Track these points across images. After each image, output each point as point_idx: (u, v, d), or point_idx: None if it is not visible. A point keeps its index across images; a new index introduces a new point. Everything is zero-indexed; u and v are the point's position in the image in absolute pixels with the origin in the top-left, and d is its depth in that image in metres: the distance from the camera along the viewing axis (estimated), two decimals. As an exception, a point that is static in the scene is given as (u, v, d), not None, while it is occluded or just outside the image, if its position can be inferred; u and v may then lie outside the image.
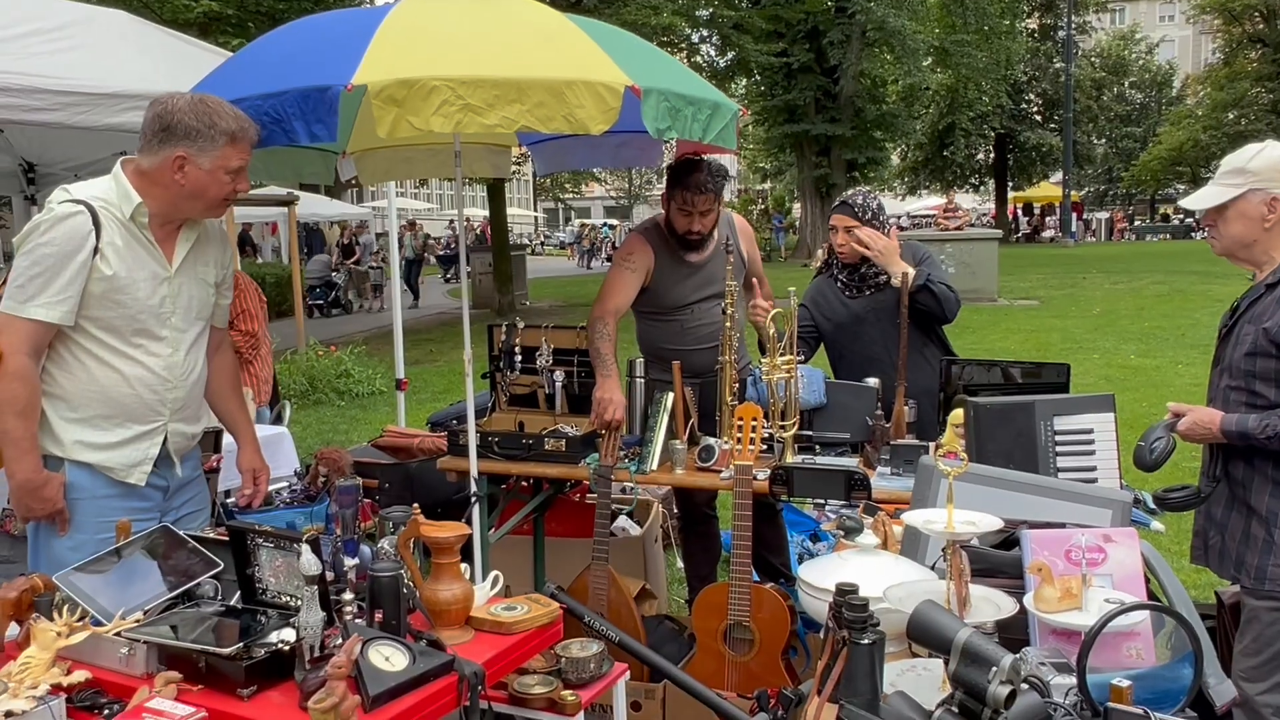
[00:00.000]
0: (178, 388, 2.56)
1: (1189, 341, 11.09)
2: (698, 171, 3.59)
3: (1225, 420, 2.48)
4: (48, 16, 4.02)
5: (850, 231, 3.63)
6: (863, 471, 2.98)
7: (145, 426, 2.52)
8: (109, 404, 2.47)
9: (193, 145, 2.41)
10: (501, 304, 17.55)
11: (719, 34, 21.69)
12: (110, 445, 2.48)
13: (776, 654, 3.01)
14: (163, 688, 1.81)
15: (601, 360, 3.52)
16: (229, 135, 2.44)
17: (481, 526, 3.53)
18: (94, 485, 2.48)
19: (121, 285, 2.43)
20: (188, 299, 2.58)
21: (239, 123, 2.48)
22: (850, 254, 3.66)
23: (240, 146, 2.48)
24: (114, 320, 2.45)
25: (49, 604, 2.00)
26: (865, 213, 3.65)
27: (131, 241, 2.46)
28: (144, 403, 2.51)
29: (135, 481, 2.52)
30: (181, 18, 12.36)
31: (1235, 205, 2.52)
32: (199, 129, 2.41)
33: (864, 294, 3.69)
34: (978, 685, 1.35)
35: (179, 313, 2.56)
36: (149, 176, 2.46)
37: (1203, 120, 38.30)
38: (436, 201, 45.26)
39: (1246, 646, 2.54)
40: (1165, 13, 57.70)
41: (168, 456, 2.59)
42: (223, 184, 2.48)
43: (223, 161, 2.45)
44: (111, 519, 2.45)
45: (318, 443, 7.49)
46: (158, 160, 2.43)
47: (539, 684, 2.29)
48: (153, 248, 2.50)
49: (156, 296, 2.50)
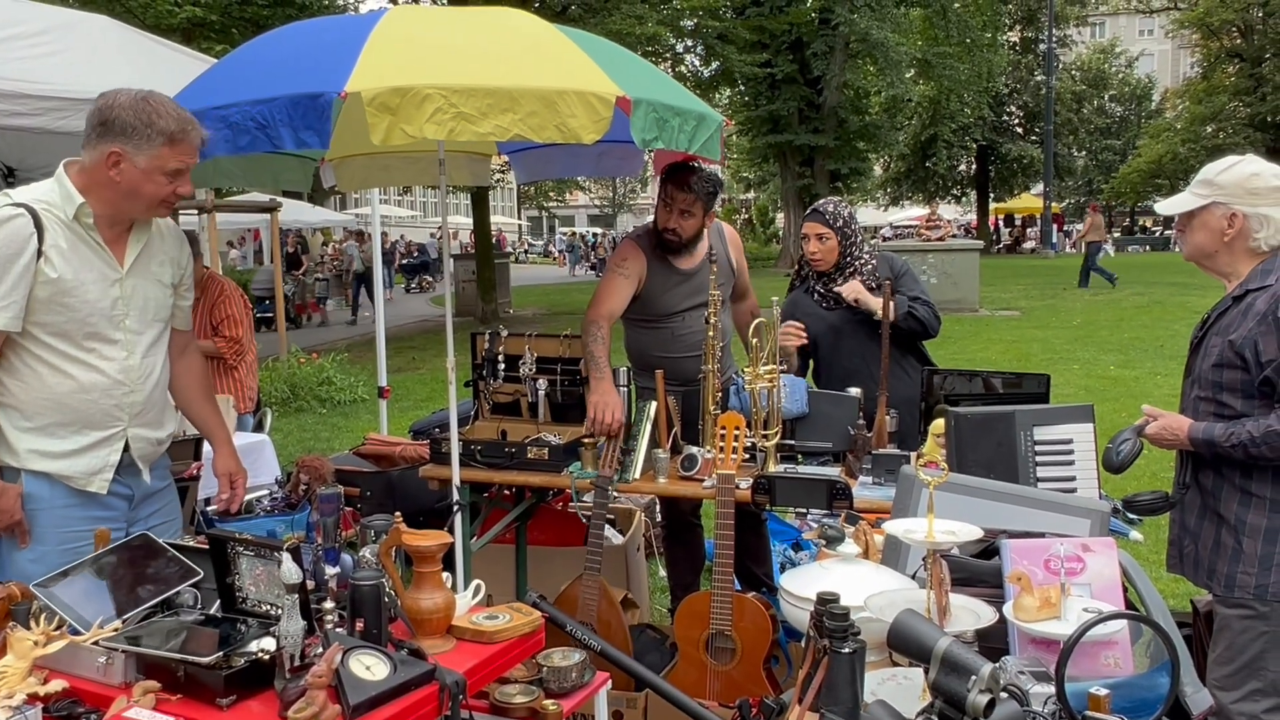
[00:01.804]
0: (135, 391, 2.50)
1: (1167, 353, 11.19)
2: (688, 171, 3.61)
3: (1193, 428, 2.51)
4: (30, 21, 3.99)
5: (823, 240, 3.66)
6: (844, 481, 2.99)
7: (103, 433, 2.46)
8: (64, 411, 2.41)
9: (128, 142, 2.34)
10: (485, 312, 17.52)
11: (703, 44, 21.75)
12: (67, 453, 2.42)
13: (758, 663, 3.01)
14: (141, 697, 1.80)
15: (595, 363, 3.51)
16: (167, 135, 2.35)
17: (463, 535, 3.52)
18: (53, 495, 2.42)
19: (68, 288, 2.36)
20: (142, 300, 2.51)
21: (180, 124, 2.38)
22: (822, 262, 3.68)
23: (180, 148, 2.39)
24: (64, 324, 2.38)
25: (26, 612, 1.98)
26: (836, 220, 3.68)
27: (77, 243, 2.39)
28: (100, 408, 2.44)
29: (96, 490, 2.46)
30: (165, 23, 12.33)
31: (1199, 215, 2.57)
32: (136, 126, 2.33)
33: (840, 306, 3.72)
34: (957, 694, 1.36)
35: (133, 314, 2.49)
36: (88, 174, 2.38)
37: (1181, 133, 38.66)
38: (419, 209, 45.17)
39: (1220, 655, 2.56)
40: (1145, 27, 58.29)
41: (132, 464, 2.53)
42: (159, 185, 2.39)
43: (159, 162, 2.37)
44: (74, 529, 2.41)
45: (299, 450, 7.45)
46: (95, 156, 2.36)
47: (520, 693, 2.28)
48: (101, 249, 2.43)
49: (107, 298, 2.43)
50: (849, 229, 3.70)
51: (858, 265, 3.72)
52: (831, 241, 3.69)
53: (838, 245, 3.69)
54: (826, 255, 3.69)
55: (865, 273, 3.71)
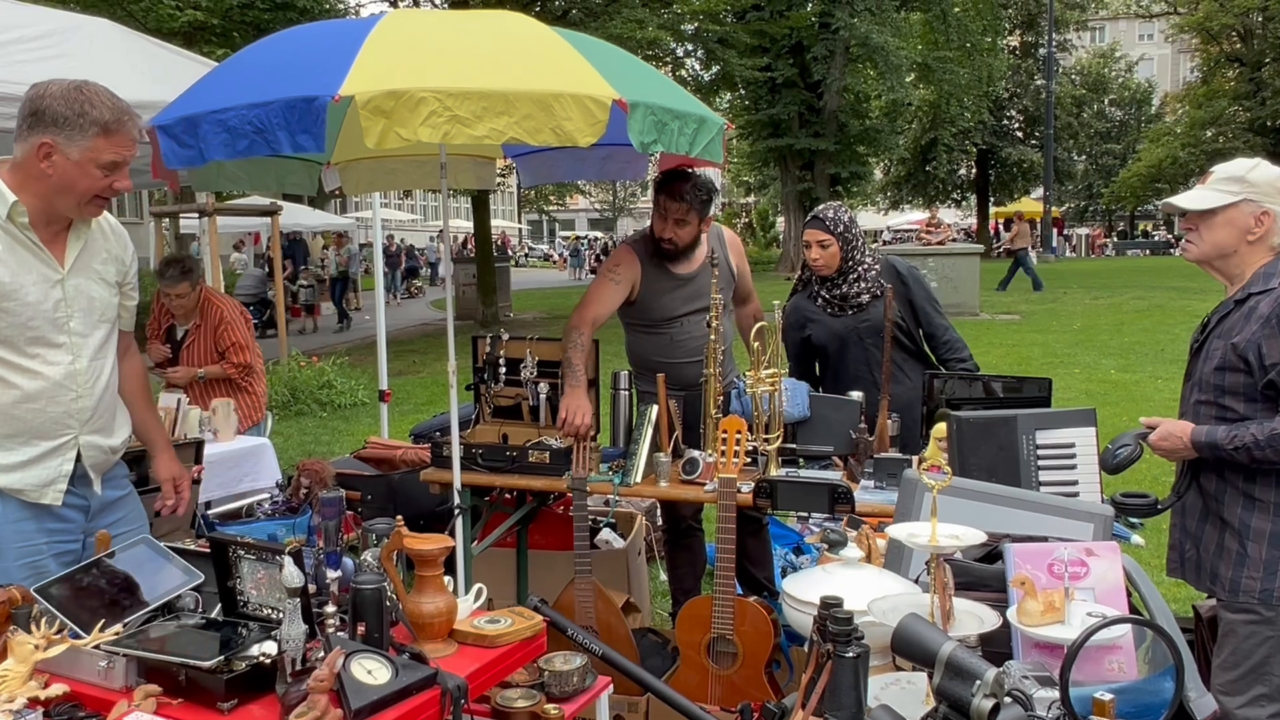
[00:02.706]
0: (84, 397, 2.40)
1: (1168, 356, 11.19)
2: (681, 180, 3.61)
3: (1195, 432, 2.50)
4: (31, 24, 4.00)
5: (824, 247, 3.67)
6: (846, 484, 2.99)
7: (54, 442, 2.37)
8: (11, 422, 2.32)
9: (60, 133, 2.23)
10: (485, 315, 17.52)
11: (703, 48, 21.74)
12: (17, 466, 2.33)
13: (760, 667, 3.01)
14: (142, 701, 1.79)
15: (571, 370, 3.53)
16: (101, 125, 2.24)
17: (465, 539, 3.52)
18: (5, 510, 2.34)
19: (7, 291, 2.26)
20: (86, 301, 2.41)
21: (116, 114, 2.27)
22: (825, 268, 3.69)
23: (116, 139, 2.28)
24: (4, 330, 2.28)
25: (27, 616, 1.97)
26: (837, 226, 3.69)
27: (13, 244, 2.29)
28: (49, 416, 2.35)
29: (50, 502, 2.37)
30: (166, 27, 12.34)
31: (1226, 212, 2.53)
32: (68, 116, 2.22)
33: (846, 314, 3.72)
34: (961, 699, 1.35)
35: (77, 316, 2.39)
36: (20, 169, 2.28)
37: (1181, 138, 38.68)
38: (420, 213, 45.19)
39: (1224, 660, 2.55)
40: (1144, 31, 58.33)
41: (84, 474, 2.44)
42: (93, 178, 2.28)
43: (93, 154, 2.25)
44: (30, 543, 2.34)
45: (300, 454, 7.45)
46: (26, 148, 2.26)
47: (522, 697, 2.28)
48: (39, 249, 2.32)
49: (49, 300, 2.33)
50: (850, 233, 3.70)
51: (860, 270, 3.72)
52: (833, 247, 3.69)
53: (839, 250, 3.69)
54: (829, 261, 3.70)
55: (868, 278, 3.71)
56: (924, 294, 3.75)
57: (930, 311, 3.74)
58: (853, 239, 3.71)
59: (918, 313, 3.74)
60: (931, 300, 3.77)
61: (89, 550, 2.45)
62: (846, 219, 3.74)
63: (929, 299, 3.76)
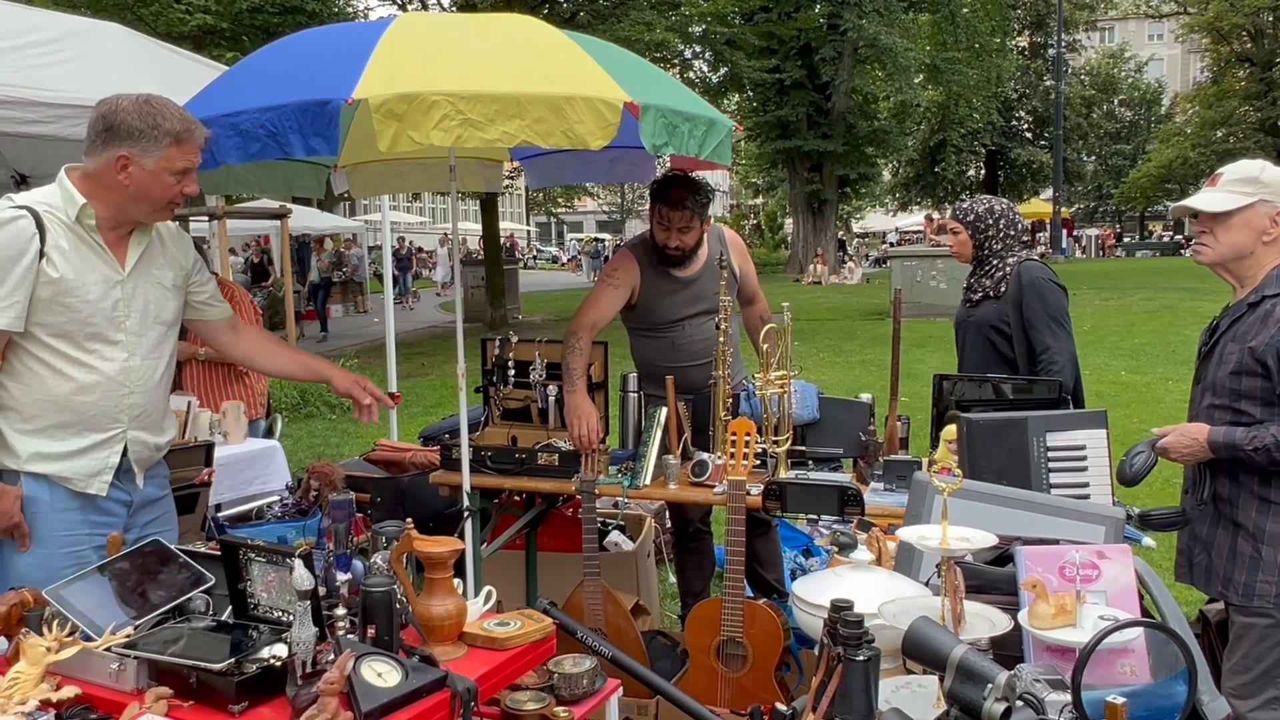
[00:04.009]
0: (135, 393, 2.50)
1: (1179, 358, 11.14)
2: (677, 188, 3.60)
3: (1213, 433, 2.49)
4: (43, 29, 4.02)
5: (955, 234, 3.74)
6: (856, 487, 2.98)
7: (103, 434, 2.46)
8: (64, 412, 2.41)
9: (135, 145, 2.36)
10: (493, 318, 17.55)
11: (712, 50, 21.76)
12: (67, 455, 2.43)
13: (769, 670, 3.00)
14: (153, 704, 1.80)
15: (570, 375, 3.55)
16: (173, 136, 2.38)
17: (474, 541, 3.52)
18: (53, 498, 2.42)
19: (70, 288, 2.37)
20: (143, 302, 2.52)
21: (184, 124, 2.42)
22: (959, 255, 3.77)
23: (186, 148, 2.42)
24: (65, 325, 2.39)
25: (39, 618, 1.98)
26: (967, 215, 3.73)
27: (79, 244, 2.40)
28: (100, 410, 2.45)
29: (96, 492, 2.46)
30: (176, 31, 12.40)
31: (1242, 213, 2.52)
32: (142, 129, 2.36)
33: (966, 303, 3.78)
34: (973, 702, 1.35)
35: (134, 316, 2.50)
36: (94, 179, 2.40)
37: (1191, 138, 38.57)
38: (429, 215, 45.28)
39: (1236, 664, 2.54)
40: (1154, 31, 58.15)
41: (129, 469, 2.53)
42: (168, 185, 2.42)
43: (167, 163, 2.39)
44: (74, 533, 2.41)
45: (309, 456, 7.47)
46: (101, 161, 2.38)
47: (531, 700, 2.28)
48: (103, 251, 2.44)
49: (109, 300, 2.44)
50: (980, 224, 3.67)
51: (989, 267, 3.67)
52: (962, 235, 3.71)
53: (970, 240, 3.70)
54: (960, 249, 3.74)
55: (993, 277, 3.64)
56: (1040, 307, 3.56)
57: (1040, 327, 3.55)
58: (985, 230, 3.66)
59: (1026, 324, 3.58)
60: (1049, 316, 3.57)
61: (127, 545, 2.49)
62: (981, 210, 3.71)
63: (1047, 313, 3.57)
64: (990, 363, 3.62)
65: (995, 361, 3.65)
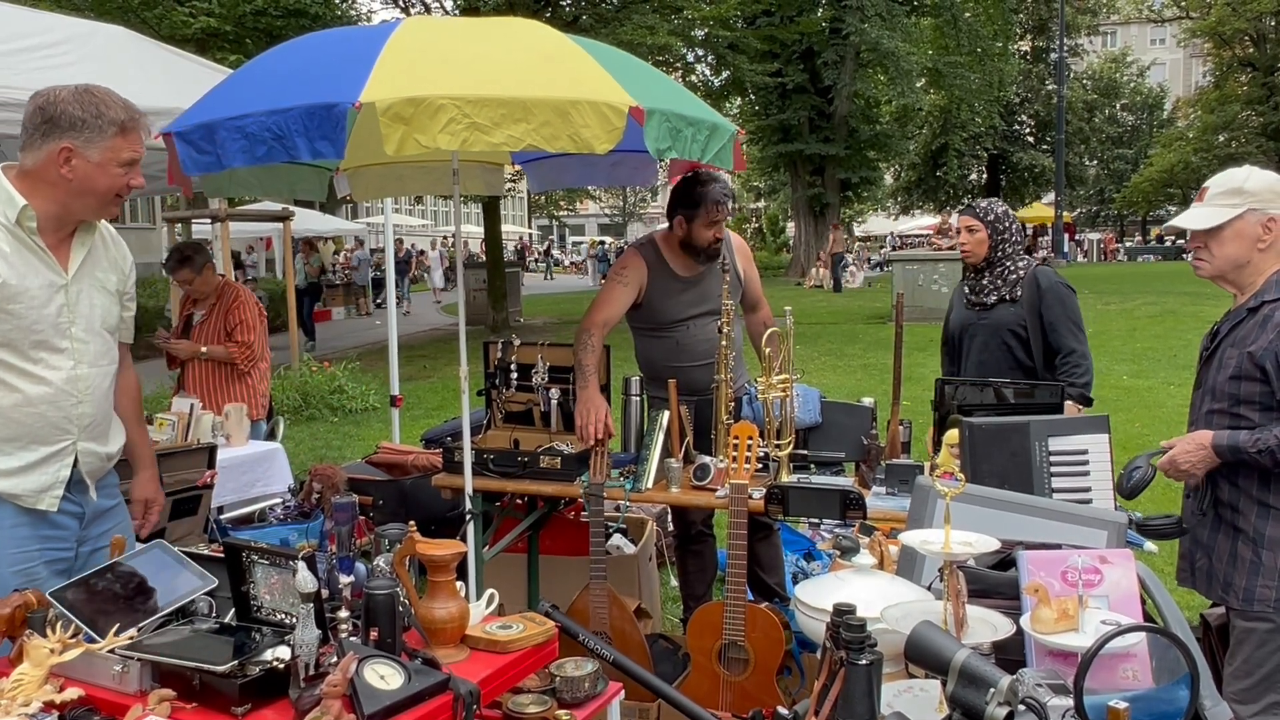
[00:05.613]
0: (84, 402, 2.41)
1: (1181, 363, 11.13)
2: (714, 183, 3.66)
3: (1217, 436, 2.50)
4: (46, 31, 4.03)
5: (972, 232, 3.75)
6: (858, 491, 2.98)
7: (53, 447, 2.37)
8: (11, 426, 2.31)
9: (79, 136, 2.26)
10: (495, 320, 17.55)
11: (714, 54, 21.77)
12: (15, 471, 2.32)
13: (771, 674, 3.00)
14: (156, 705, 1.80)
15: (582, 371, 3.57)
16: (118, 125, 2.29)
17: (476, 544, 3.52)
18: (1, 516, 2.32)
19: (13, 294, 2.26)
20: (88, 307, 2.43)
21: (129, 113, 2.32)
22: (971, 255, 3.78)
23: (131, 137, 2.32)
24: (9, 334, 2.28)
25: (42, 620, 1.98)
26: (989, 215, 3.77)
27: (20, 248, 2.29)
28: (49, 421, 2.35)
29: (46, 508, 2.36)
30: (180, 34, 12.44)
31: (1233, 225, 2.53)
32: (85, 119, 2.25)
33: (973, 308, 3.78)
34: (975, 706, 1.35)
35: (79, 322, 2.40)
36: (34, 176, 2.29)
37: (1193, 143, 38.56)
38: (431, 218, 45.30)
39: (1238, 669, 2.54)
40: (1156, 36, 58.12)
41: (80, 480, 2.44)
42: (114, 177, 2.32)
43: (113, 153, 2.30)
44: (24, 550, 2.33)
45: (311, 459, 7.47)
46: (41, 156, 2.27)
47: (534, 703, 2.28)
48: (45, 254, 2.33)
49: (53, 305, 2.34)
50: (1000, 226, 3.74)
51: (1003, 269, 3.73)
52: (981, 234, 3.74)
53: (988, 239, 3.74)
54: (975, 249, 3.76)
55: (1008, 280, 3.70)
56: (1060, 311, 3.62)
57: (1061, 331, 3.60)
58: (1003, 233, 3.74)
59: (1045, 328, 3.63)
60: (1069, 321, 3.63)
61: (81, 559, 2.46)
62: (1000, 212, 3.80)
63: (1066, 317, 3.62)
64: (1005, 366, 3.62)
65: (1010, 365, 3.65)
